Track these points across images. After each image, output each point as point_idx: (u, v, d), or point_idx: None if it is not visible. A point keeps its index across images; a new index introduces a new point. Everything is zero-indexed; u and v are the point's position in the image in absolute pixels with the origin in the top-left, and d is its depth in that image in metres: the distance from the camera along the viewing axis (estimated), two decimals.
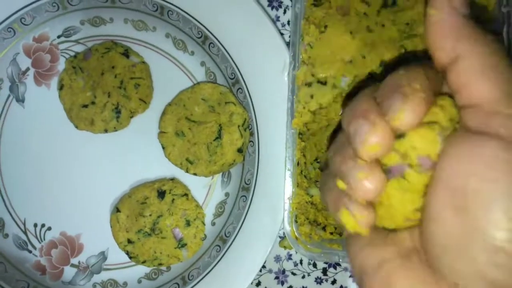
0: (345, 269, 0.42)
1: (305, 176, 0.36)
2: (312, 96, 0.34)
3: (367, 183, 0.20)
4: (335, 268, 0.42)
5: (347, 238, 0.24)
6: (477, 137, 0.17)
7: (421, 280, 0.19)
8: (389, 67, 0.32)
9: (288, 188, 0.36)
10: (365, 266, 0.21)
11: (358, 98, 0.22)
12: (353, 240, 0.23)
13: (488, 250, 0.17)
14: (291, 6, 0.35)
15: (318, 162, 0.37)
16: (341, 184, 0.21)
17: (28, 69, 0.41)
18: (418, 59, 0.31)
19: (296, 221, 0.35)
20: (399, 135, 0.20)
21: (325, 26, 0.34)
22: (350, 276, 0.42)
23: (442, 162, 0.18)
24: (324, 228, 0.36)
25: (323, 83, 0.33)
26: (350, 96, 0.33)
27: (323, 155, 0.37)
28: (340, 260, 0.35)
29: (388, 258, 0.21)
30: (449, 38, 0.19)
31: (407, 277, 0.20)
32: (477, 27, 0.19)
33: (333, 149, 0.23)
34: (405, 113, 0.19)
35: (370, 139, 0.19)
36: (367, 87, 0.24)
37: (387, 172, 0.21)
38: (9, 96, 0.41)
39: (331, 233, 0.36)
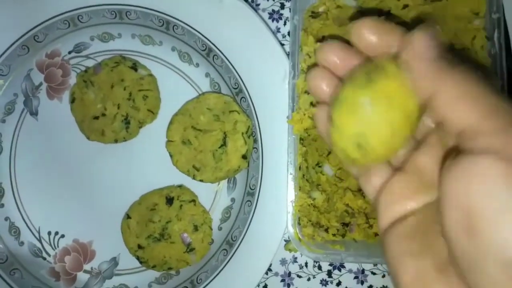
0: (350, 271, 0.43)
1: (307, 180, 0.37)
2: (311, 103, 0.35)
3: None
4: (340, 270, 0.43)
5: (385, 242, 0.23)
6: (471, 157, 0.18)
7: None
8: None
9: (291, 191, 0.37)
10: (401, 276, 0.21)
11: None
12: (390, 245, 0.22)
13: (503, 265, 0.17)
14: (290, 18, 0.37)
15: (319, 167, 0.38)
16: None
17: (41, 84, 0.42)
18: None
19: (299, 223, 0.36)
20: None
21: (323, 37, 0.36)
22: (355, 278, 0.43)
23: (445, 184, 0.19)
24: (326, 230, 0.37)
25: None
26: None
27: (324, 159, 0.38)
28: (343, 260, 0.36)
29: (425, 270, 0.20)
30: (423, 80, 0.21)
31: None
32: (447, 64, 0.21)
33: None
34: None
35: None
36: None
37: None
38: (23, 110, 0.42)
39: (334, 235, 0.37)
